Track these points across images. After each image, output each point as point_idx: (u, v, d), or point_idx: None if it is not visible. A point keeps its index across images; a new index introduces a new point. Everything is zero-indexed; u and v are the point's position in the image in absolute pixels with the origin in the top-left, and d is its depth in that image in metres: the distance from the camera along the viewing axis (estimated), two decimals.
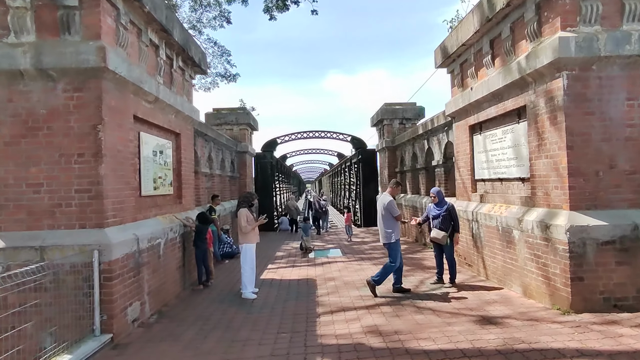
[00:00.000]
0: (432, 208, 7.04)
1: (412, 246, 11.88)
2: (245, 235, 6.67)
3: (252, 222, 6.69)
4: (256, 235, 6.80)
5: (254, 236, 6.74)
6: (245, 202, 6.84)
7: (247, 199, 6.89)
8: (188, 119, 8.16)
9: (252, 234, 6.70)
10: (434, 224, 6.92)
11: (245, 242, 6.69)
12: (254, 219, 6.78)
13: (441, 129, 10.53)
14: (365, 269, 8.53)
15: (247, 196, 6.94)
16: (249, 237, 6.69)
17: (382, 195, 6.73)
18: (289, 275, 8.21)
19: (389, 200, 6.46)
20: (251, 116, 16.73)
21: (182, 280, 7.15)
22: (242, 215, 6.63)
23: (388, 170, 16.09)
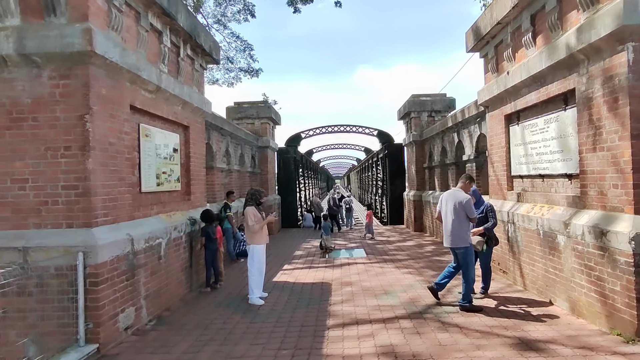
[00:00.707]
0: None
1: (439, 247, 11.04)
2: (253, 236, 6.16)
3: (260, 220, 6.17)
4: (264, 235, 6.28)
5: (261, 237, 6.22)
6: (252, 199, 6.32)
7: (254, 196, 6.36)
8: (198, 111, 7.73)
9: (259, 234, 6.18)
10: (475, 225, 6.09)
11: (253, 243, 6.18)
12: (262, 218, 6.26)
13: (473, 121, 9.61)
14: (387, 273, 7.84)
15: (254, 193, 6.41)
16: (257, 238, 6.17)
17: (453, 191, 5.82)
18: (303, 277, 7.65)
19: (467, 198, 5.55)
20: (272, 110, 16.28)
21: (189, 281, 6.75)
22: (249, 214, 6.12)
23: (416, 165, 15.22)
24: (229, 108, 15.69)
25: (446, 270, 5.86)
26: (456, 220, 5.50)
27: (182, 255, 6.53)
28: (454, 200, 5.58)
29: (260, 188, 6.54)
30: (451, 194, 5.74)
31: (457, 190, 5.75)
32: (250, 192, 6.45)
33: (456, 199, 5.57)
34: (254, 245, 6.17)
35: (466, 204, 5.50)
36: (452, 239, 5.56)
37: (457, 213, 5.50)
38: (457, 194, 5.66)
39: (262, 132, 15.58)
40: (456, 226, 5.49)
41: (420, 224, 14.89)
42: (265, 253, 6.38)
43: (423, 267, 8.35)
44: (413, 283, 6.91)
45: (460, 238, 5.51)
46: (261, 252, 6.20)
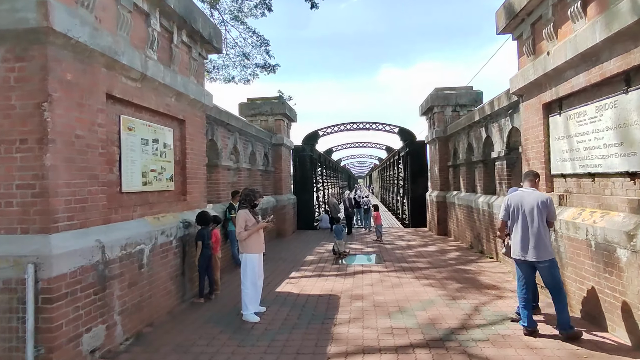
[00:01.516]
0: None
1: (464, 254, 10.01)
2: (245, 243, 5.42)
3: (254, 225, 5.42)
4: (259, 243, 5.53)
5: (255, 244, 5.47)
6: (245, 201, 5.58)
7: (247, 197, 5.62)
8: (196, 103, 7.07)
9: (253, 241, 5.43)
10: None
11: (245, 251, 5.45)
12: (257, 223, 5.51)
13: (503, 113, 8.56)
14: (404, 285, 6.94)
15: (247, 194, 5.67)
16: (250, 246, 5.43)
17: (523, 191, 4.72)
18: (310, 288, 6.86)
19: (550, 198, 4.61)
20: (287, 106, 15.56)
21: (180, 291, 6.08)
22: (240, 218, 5.38)
23: (439, 164, 14.16)
24: (242, 104, 15.08)
25: (522, 298, 4.65)
26: (542, 225, 4.48)
27: (172, 262, 5.86)
28: (535, 200, 4.52)
29: (255, 189, 5.75)
30: (524, 195, 4.66)
31: (530, 190, 4.70)
32: (243, 192, 5.71)
33: (537, 199, 4.54)
34: (246, 255, 5.43)
35: (550, 204, 4.53)
36: (540, 250, 4.44)
37: (542, 216, 4.49)
38: (534, 193, 4.63)
39: (276, 129, 14.90)
40: (542, 233, 4.47)
41: (444, 227, 13.83)
42: (262, 262, 5.64)
43: (446, 277, 7.41)
44: (434, 298, 6.00)
45: (547, 248, 4.49)
46: (255, 262, 5.45)
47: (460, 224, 12.02)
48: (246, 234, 5.34)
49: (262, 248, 5.57)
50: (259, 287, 5.54)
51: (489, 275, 7.45)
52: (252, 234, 5.40)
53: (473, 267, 8.30)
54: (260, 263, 5.55)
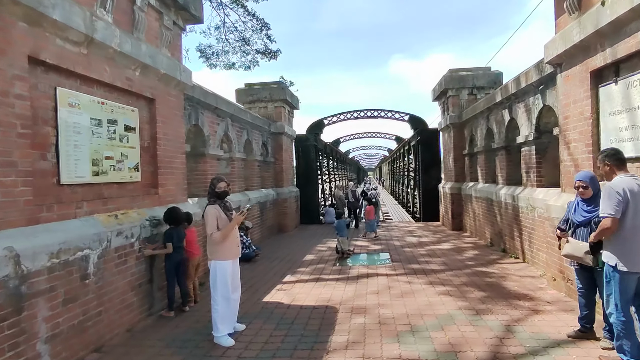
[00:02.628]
0: (578, 207, 3.95)
1: (483, 252, 8.85)
2: (214, 248, 4.36)
3: (225, 225, 4.35)
4: (233, 246, 4.45)
5: (227, 248, 4.38)
6: (211, 194, 4.48)
7: (210, 189, 4.49)
8: (169, 80, 6.01)
9: (224, 244, 4.35)
10: (577, 233, 3.89)
11: (214, 257, 4.38)
12: (229, 219, 4.42)
13: (532, 90, 7.32)
14: (416, 293, 5.84)
15: (210, 186, 4.53)
16: (220, 250, 4.35)
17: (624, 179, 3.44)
18: (304, 297, 5.81)
19: None
20: (288, 91, 14.43)
21: (145, 303, 5.08)
22: (210, 217, 4.31)
23: (453, 152, 12.92)
24: (239, 90, 14.00)
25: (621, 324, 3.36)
26: None
27: (134, 269, 4.85)
28: None
29: (221, 177, 4.64)
30: (627, 183, 3.38)
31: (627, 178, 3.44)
32: (211, 183, 4.60)
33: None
34: (215, 262, 4.36)
35: None
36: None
37: None
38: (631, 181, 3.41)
39: (276, 116, 13.80)
40: None
41: (459, 222, 12.64)
42: (237, 271, 4.56)
43: (465, 283, 6.28)
44: (453, 312, 4.89)
45: None
46: (228, 271, 4.37)
47: (478, 219, 10.83)
48: (220, 236, 4.27)
49: (236, 252, 4.49)
50: (235, 301, 4.48)
51: (517, 281, 6.30)
52: (227, 235, 4.32)
53: (496, 270, 7.15)
54: (235, 272, 4.49)
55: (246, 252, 8.63)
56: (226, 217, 4.37)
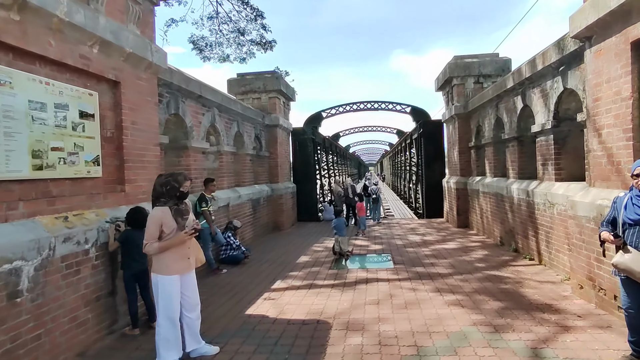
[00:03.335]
0: (632, 203, 3.16)
1: (493, 253, 8.10)
2: (158, 259, 3.54)
3: (174, 234, 3.53)
4: (178, 259, 3.57)
5: (171, 261, 3.53)
6: (165, 193, 3.60)
7: (166, 187, 3.57)
8: (139, 61, 5.25)
9: (167, 256, 3.54)
10: (630, 236, 3.13)
11: (157, 271, 3.53)
12: (180, 227, 3.59)
13: (551, 73, 6.54)
14: (421, 302, 5.10)
15: (165, 182, 3.63)
16: (164, 262, 3.51)
17: None
18: (293, 308, 5.07)
19: None
20: (283, 81, 13.63)
21: (106, 319, 4.34)
22: (152, 222, 3.49)
23: (459, 145, 12.14)
24: (231, 80, 13.21)
25: None
26: None
27: (89, 280, 4.11)
28: None
29: (181, 172, 3.83)
30: None
31: None
32: (159, 180, 3.66)
33: None
34: (159, 277, 3.53)
35: None
36: None
37: None
38: None
39: (270, 108, 13.01)
40: None
41: (465, 219, 11.89)
42: (192, 285, 3.72)
43: (477, 290, 5.54)
44: (467, 329, 4.15)
45: None
46: (173, 287, 3.53)
47: (486, 216, 10.08)
48: (156, 248, 3.45)
49: (185, 266, 3.62)
50: (192, 320, 3.66)
51: (536, 287, 5.55)
52: (166, 248, 3.50)
53: (510, 274, 6.40)
54: (188, 287, 3.67)
55: (234, 254, 7.92)
56: (176, 226, 3.56)
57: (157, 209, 3.51)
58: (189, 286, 3.66)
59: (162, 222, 3.47)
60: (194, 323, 3.66)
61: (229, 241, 7.93)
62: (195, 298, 3.72)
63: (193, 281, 3.72)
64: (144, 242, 3.43)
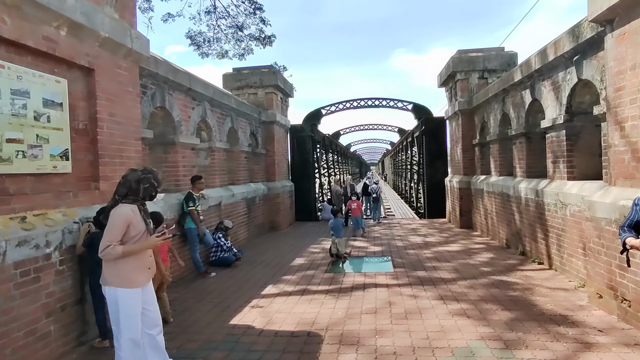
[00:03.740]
0: None
1: (499, 255, 7.65)
2: (117, 268, 2.99)
3: (141, 238, 3.07)
4: (142, 266, 3.09)
5: (134, 269, 3.03)
6: (138, 192, 3.09)
7: (135, 183, 3.08)
8: (117, 47, 4.82)
9: (136, 264, 3.04)
10: None
11: (114, 283, 2.99)
12: (149, 231, 3.13)
13: (563, 63, 6.08)
14: (423, 312, 4.66)
15: (143, 179, 3.08)
16: (123, 273, 2.99)
17: None
18: (283, 317, 4.64)
19: None
20: (280, 76, 13.19)
21: (73, 330, 3.92)
22: (120, 220, 2.98)
23: (462, 143, 11.68)
24: (226, 75, 12.77)
25: None
26: None
27: (53, 288, 3.68)
28: None
29: (149, 168, 3.34)
30: None
31: None
32: (126, 177, 3.13)
33: None
34: (120, 291, 2.98)
35: None
36: None
37: None
38: None
39: (267, 104, 12.57)
40: None
41: (468, 219, 11.43)
42: (152, 298, 3.21)
43: (484, 298, 5.09)
44: (474, 345, 3.70)
45: None
46: (135, 302, 3.02)
47: (491, 216, 9.63)
48: (119, 253, 2.93)
49: (148, 275, 3.16)
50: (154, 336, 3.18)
51: (548, 295, 5.10)
52: (131, 254, 3.02)
53: (518, 279, 5.95)
54: (150, 299, 3.18)
55: (225, 256, 7.49)
56: (145, 228, 3.10)
57: (126, 206, 3.05)
58: (150, 299, 3.18)
59: (128, 220, 3.02)
60: (157, 340, 3.18)
61: (219, 242, 7.50)
62: (157, 311, 3.26)
63: (152, 293, 3.25)
64: (104, 243, 2.94)
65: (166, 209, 6.40)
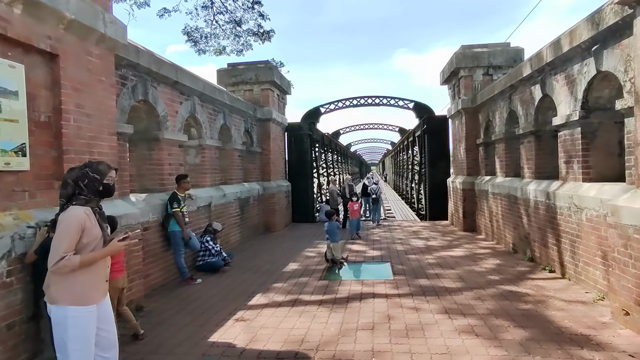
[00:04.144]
0: None
1: (507, 262, 7.15)
2: (66, 283, 2.50)
3: (96, 243, 2.59)
4: (99, 280, 2.63)
5: (89, 284, 2.55)
6: (82, 191, 2.61)
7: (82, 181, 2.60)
8: (85, 32, 4.33)
9: (91, 276, 2.56)
10: None
11: (67, 301, 2.48)
12: (104, 237, 2.65)
13: (579, 55, 5.59)
14: (427, 328, 4.17)
15: (81, 176, 2.62)
16: (79, 287, 2.51)
17: None
18: (269, 333, 4.15)
19: None
20: (277, 72, 12.69)
21: (24, 351, 3.43)
22: (73, 225, 2.48)
23: (466, 142, 11.19)
24: (221, 71, 12.28)
25: None
26: None
27: None
28: None
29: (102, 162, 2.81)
30: None
31: None
32: (70, 175, 2.65)
33: None
34: (70, 310, 2.48)
35: None
36: None
37: None
38: None
39: (263, 100, 12.08)
40: None
41: (472, 222, 10.94)
42: (109, 316, 2.72)
43: (494, 312, 4.60)
44: None
45: None
46: (87, 322, 2.51)
47: (496, 219, 9.13)
48: (76, 264, 2.45)
49: (104, 289, 2.69)
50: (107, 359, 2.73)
51: (564, 309, 4.60)
52: (90, 264, 2.55)
53: (529, 289, 5.45)
54: (107, 317, 2.70)
55: (213, 260, 7.00)
56: (99, 233, 2.61)
57: (78, 208, 2.55)
58: (108, 317, 2.69)
59: (83, 227, 2.53)
60: None
61: (207, 246, 7.00)
62: (114, 331, 2.76)
63: (110, 308, 2.76)
64: (56, 255, 2.41)
65: (148, 210, 5.93)
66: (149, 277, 5.88)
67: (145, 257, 5.70)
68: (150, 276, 5.92)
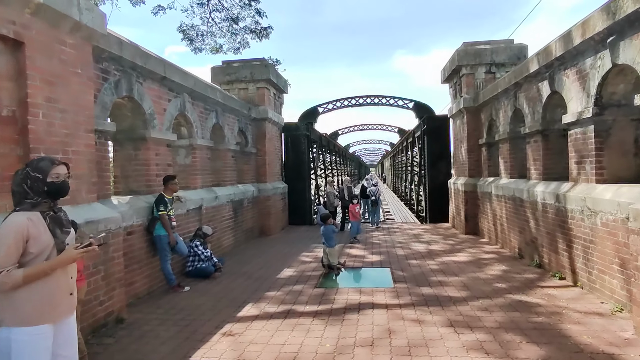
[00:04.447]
0: None
1: (513, 268, 6.78)
2: (9, 300, 2.09)
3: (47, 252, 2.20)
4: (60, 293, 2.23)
5: (49, 298, 2.16)
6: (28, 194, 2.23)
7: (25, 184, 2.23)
8: (57, 19, 3.95)
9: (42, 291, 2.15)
10: None
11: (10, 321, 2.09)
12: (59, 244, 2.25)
13: (592, 47, 5.23)
14: (431, 344, 3.79)
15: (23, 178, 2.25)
16: (27, 305, 2.11)
17: None
18: (258, 350, 3.76)
19: None
20: (273, 70, 12.31)
21: None
22: (10, 235, 2.09)
23: (467, 142, 10.83)
24: (215, 68, 11.91)
25: None
26: None
27: None
28: None
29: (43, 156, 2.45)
30: None
31: None
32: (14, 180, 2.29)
33: None
34: (15, 331, 2.08)
35: None
36: None
37: None
38: None
39: (258, 99, 11.71)
40: None
41: (474, 225, 10.58)
42: (73, 338, 2.34)
43: (504, 326, 4.22)
44: None
45: None
46: (40, 346, 2.14)
47: (500, 222, 8.77)
48: (18, 280, 2.08)
49: (68, 306, 2.31)
50: None
51: (581, 322, 4.23)
52: (36, 278, 2.16)
53: (540, 299, 5.08)
54: (67, 340, 2.30)
55: (203, 266, 6.61)
56: (50, 240, 2.24)
57: (19, 215, 2.17)
58: (68, 339, 2.30)
59: (27, 236, 2.15)
60: None
61: (196, 251, 6.62)
62: (76, 355, 2.37)
63: (73, 330, 2.37)
64: None
65: (132, 214, 5.55)
66: (134, 285, 5.50)
67: (130, 263, 5.33)
68: (134, 284, 5.54)
